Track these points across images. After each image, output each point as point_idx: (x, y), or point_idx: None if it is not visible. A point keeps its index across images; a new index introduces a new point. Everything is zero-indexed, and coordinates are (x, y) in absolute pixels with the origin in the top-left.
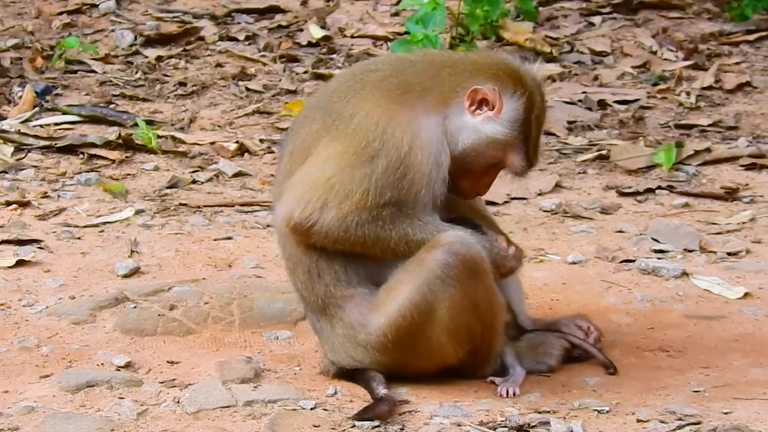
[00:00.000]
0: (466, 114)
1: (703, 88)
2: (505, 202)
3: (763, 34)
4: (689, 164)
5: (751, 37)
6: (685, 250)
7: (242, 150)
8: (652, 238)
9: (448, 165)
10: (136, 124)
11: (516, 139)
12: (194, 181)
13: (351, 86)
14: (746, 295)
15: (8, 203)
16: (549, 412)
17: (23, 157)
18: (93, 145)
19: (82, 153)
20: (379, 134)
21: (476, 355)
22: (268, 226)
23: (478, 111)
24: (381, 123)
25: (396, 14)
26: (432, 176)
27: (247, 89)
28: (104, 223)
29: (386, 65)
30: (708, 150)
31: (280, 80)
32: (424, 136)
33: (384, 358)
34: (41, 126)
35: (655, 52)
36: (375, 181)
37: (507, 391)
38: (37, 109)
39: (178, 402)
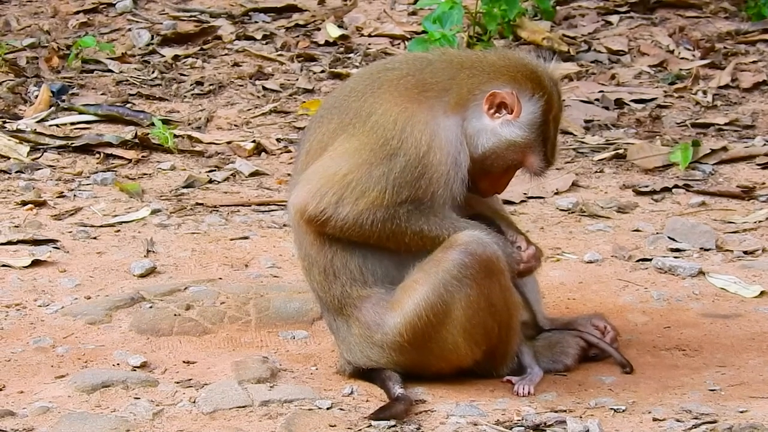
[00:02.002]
0: (484, 117)
1: (720, 87)
2: (522, 201)
3: None
4: (706, 163)
5: None
6: (701, 248)
7: (259, 149)
8: (669, 237)
9: (467, 165)
10: (152, 124)
11: (535, 141)
12: (211, 181)
13: (368, 85)
14: (762, 293)
15: (24, 203)
16: (565, 411)
17: (39, 157)
18: (109, 145)
19: (99, 152)
20: (398, 133)
21: (492, 355)
22: (284, 225)
23: (496, 114)
24: (399, 121)
25: (413, 13)
26: (450, 176)
27: (264, 88)
28: (120, 223)
29: (404, 64)
30: (724, 149)
31: (297, 79)
32: (443, 136)
33: (400, 358)
34: (57, 125)
35: (672, 51)
36: (393, 179)
37: (523, 390)
38: (53, 108)
39: (194, 402)
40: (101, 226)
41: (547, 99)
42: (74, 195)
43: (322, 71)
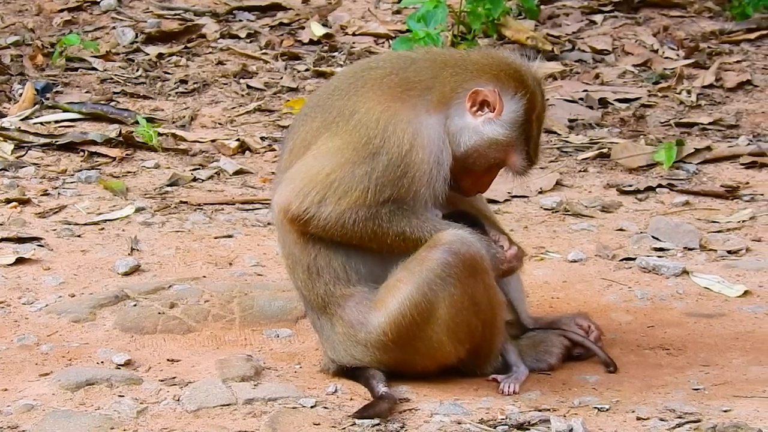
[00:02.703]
0: (467, 115)
1: (704, 87)
2: (506, 200)
3: (764, 32)
4: (690, 162)
5: (752, 36)
6: (685, 248)
7: (243, 148)
8: (653, 237)
9: (449, 164)
10: (136, 122)
11: (517, 139)
12: (195, 179)
13: (352, 84)
14: (746, 293)
15: (8, 201)
16: (549, 410)
17: (23, 155)
18: (93, 143)
19: (83, 151)
20: (380, 131)
21: (477, 353)
22: (268, 224)
23: (479, 112)
24: (382, 120)
25: (398, 12)
26: (433, 175)
27: (249, 87)
28: (104, 221)
29: (387, 63)
30: (708, 148)
31: (282, 78)
32: (425, 135)
33: (384, 357)
34: (42, 123)
35: (656, 51)
36: (375, 178)
37: (508, 388)
38: (37, 106)
39: (178, 400)
40: (85, 224)
41: (530, 98)
42: (58, 193)
43: (307, 70)
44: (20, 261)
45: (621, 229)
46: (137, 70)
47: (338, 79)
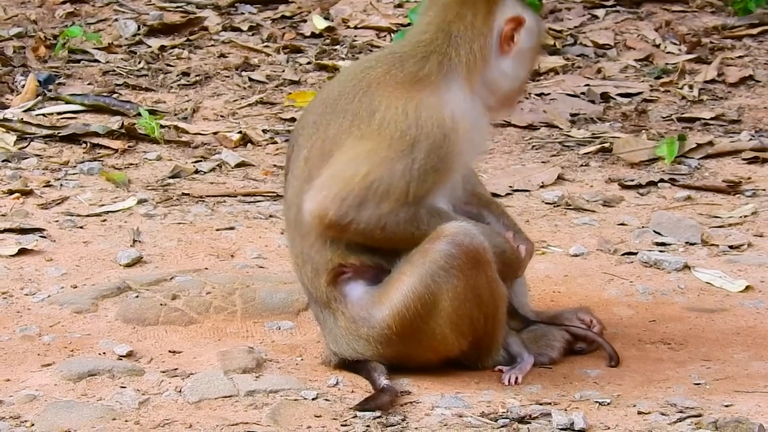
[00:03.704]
0: (497, 60)
1: (706, 82)
2: (508, 193)
3: (767, 28)
4: (692, 157)
5: (754, 31)
6: (686, 243)
7: (245, 140)
8: (654, 231)
9: (487, 117)
10: (139, 114)
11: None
12: (197, 171)
13: (356, 86)
14: (747, 288)
15: (11, 192)
16: (550, 403)
17: (26, 146)
18: (96, 135)
19: (85, 142)
20: (413, 121)
21: (479, 346)
22: (270, 216)
23: (506, 47)
24: (410, 111)
25: (399, 5)
26: (473, 140)
27: (251, 80)
28: (107, 213)
29: (381, 60)
30: (710, 143)
31: (284, 71)
32: (458, 107)
33: (387, 350)
34: (44, 115)
35: (658, 46)
36: (417, 169)
37: (510, 379)
38: (39, 98)
39: (180, 391)
40: (87, 216)
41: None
42: (61, 184)
43: (309, 63)
44: (22, 252)
45: (622, 224)
46: (139, 62)
47: (341, 85)
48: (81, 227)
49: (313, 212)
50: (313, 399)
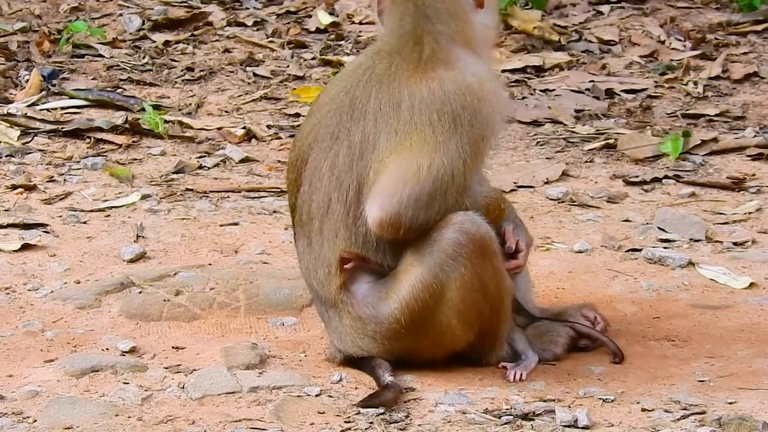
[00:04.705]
0: (476, 17)
1: (711, 78)
2: (512, 190)
3: None
4: (696, 154)
5: (759, 28)
6: (691, 239)
7: (249, 136)
8: (659, 228)
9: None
10: (143, 109)
11: None
12: (201, 167)
13: (365, 87)
14: (752, 285)
15: (14, 187)
16: (554, 400)
17: (29, 141)
18: (100, 130)
19: (89, 137)
20: (444, 98)
21: (483, 339)
22: (274, 212)
23: (478, 7)
24: (435, 90)
25: None
26: (501, 97)
27: (255, 75)
28: (110, 208)
29: (376, 57)
30: (715, 140)
31: (288, 66)
32: (474, 70)
33: (394, 346)
34: (48, 110)
35: (663, 42)
36: (468, 142)
37: (514, 376)
38: (43, 93)
39: (183, 387)
40: (91, 211)
41: None
42: (64, 179)
43: (313, 58)
44: (26, 247)
45: (627, 220)
46: (144, 58)
47: (347, 93)
48: (84, 222)
49: (385, 221)
50: (316, 395)
